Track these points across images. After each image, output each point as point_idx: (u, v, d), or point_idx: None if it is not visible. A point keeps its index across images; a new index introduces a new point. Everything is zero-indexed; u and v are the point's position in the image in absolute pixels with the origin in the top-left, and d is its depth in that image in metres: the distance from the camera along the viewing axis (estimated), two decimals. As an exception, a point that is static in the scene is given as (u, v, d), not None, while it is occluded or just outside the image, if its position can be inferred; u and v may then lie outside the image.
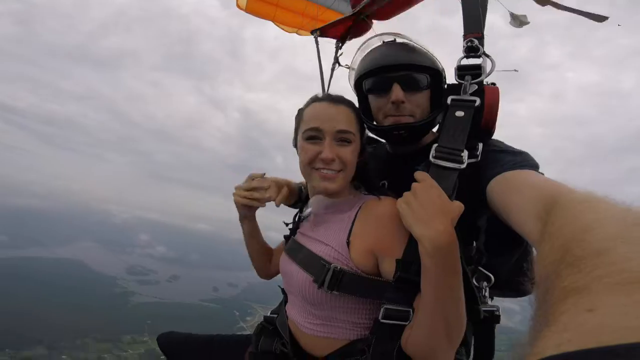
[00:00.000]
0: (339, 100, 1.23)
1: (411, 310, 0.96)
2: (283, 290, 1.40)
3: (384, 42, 1.44)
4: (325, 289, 1.03)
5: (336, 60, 2.13)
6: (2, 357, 52.48)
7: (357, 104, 1.37)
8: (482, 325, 1.14)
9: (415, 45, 1.36)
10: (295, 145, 1.29)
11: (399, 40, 1.40)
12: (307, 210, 1.36)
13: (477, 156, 1.09)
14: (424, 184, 0.98)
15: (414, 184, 1.00)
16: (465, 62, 1.21)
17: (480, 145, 1.11)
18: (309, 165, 1.18)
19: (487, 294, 1.17)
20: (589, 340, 0.29)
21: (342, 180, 1.17)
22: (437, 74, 1.33)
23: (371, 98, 1.39)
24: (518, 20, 1.68)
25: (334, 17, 2.14)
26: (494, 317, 1.17)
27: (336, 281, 1.03)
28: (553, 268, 0.47)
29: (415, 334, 0.94)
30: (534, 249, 0.97)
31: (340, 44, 2.11)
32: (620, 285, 0.35)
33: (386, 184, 1.37)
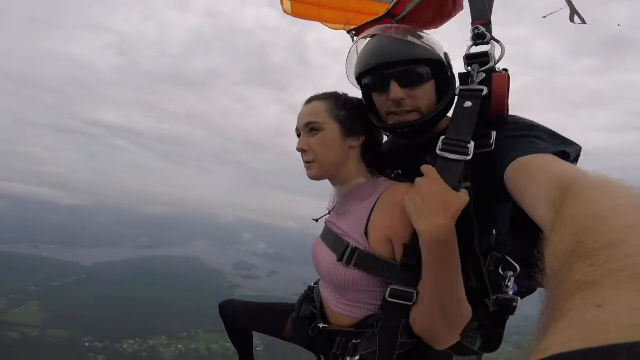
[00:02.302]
0: (313, 97, 1.34)
1: (415, 292, 1.04)
2: None
3: (374, 35, 1.35)
4: (344, 263, 1.15)
5: None
6: (133, 345, 62.51)
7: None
8: (495, 315, 1.15)
9: (411, 36, 1.26)
10: None
11: (396, 34, 1.29)
12: (333, 201, 1.44)
13: (491, 145, 1.09)
14: (427, 179, 1.02)
15: (417, 179, 1.05)
16: (474, 50, 1.20)
17: (494, 134, 1.09)
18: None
19: (510, 283, 1.14)
20: (595, 338, 0.28)
21: (317, 167, 1.28)
22: (438, 63, 1.25)
23: (373, 95, 1.33)
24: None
25: (378, 8, 2.03)
26: (509, 309, 1.15)
27: (351, 257, 1.14)
28: (564, 260, 0.46)
29: (418, 313, 1.04)
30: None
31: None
32: (634, 280, 0.34)
33: (400, 172, 1.37)
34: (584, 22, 1.41)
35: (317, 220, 1.52)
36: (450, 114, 1.25)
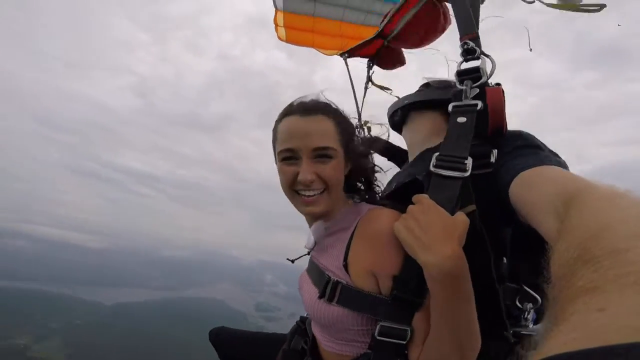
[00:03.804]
0: (313, 109, 1.07)
1: (409, 330, 0.91)
2: None
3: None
4: (326, 299, 1.01)
5: (369, 80, 2.16)
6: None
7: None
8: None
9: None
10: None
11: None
12: (310, 239, 1.20)
13: (492, 165, 1.01)
14: (422, 206, 0.92)
15: (410, 207, 0.95)
16: (465, 65, 1.18)
17: (495, 152, 1.02)
18: (290, 189, 1.07)
19: (529, 316, 1.05)
20: (596, 339, 0.28)
21: (327, 200, 1.05)
22: (425, 84, 1.45)
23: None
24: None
25: (370, 33, 2.02)
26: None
27: (334, 292, 1.01)
28: (569, 267, 0.46)
29: (427, 356, 0.90)
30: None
31: (371, 64, 2.12)
32: (636, 284, 0.34)
33: (391, 193, 1.27)
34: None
35: (293, 261, 1.36)
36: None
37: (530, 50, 1.63)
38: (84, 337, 77.74)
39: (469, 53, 1.16)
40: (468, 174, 0.96)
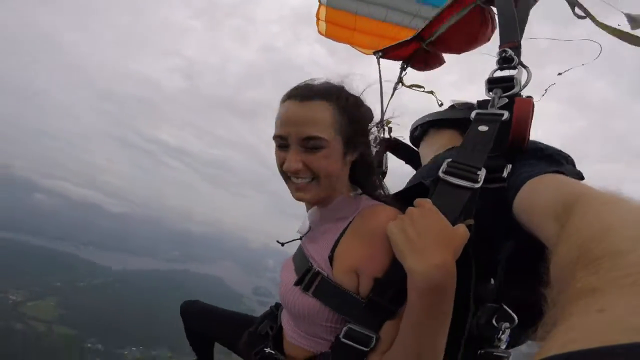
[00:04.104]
0: (312, 95, 1.00)
1: (374, 338, 0.86)
2: None
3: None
4: (302, 288, 0.97)
5: (399, 81, 2.17)
6: (134, 353, 61.69)
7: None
8: None
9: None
10: None
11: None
12: (305, 224, 1.19)
13: (505, 180, 0.94)
14: (422, 210, 0.85)
15: (409, 208, 0.89)
16: (498, 74, 1.11)
17: (509, 167, 0.96)
18: (281, 173, 1.07)
19: (503, 336, 0.97)
20: (595, 340, 0.28)
21: (316, 189, 1.02)
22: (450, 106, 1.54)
23: None
24: (634, 22, 1.48)
25: (411, 35, 2.03)
26: None
27: (312, 282, 0.96)
28: (568, 269, 0.45)
29: None
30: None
31: (405, 66, 2.13)
32: (635, 286, 0.34)
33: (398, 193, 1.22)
34: (586, 15, 1.35)
35: (282, 244, 1.32)
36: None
37: (559, 74, 1.50)
38: (82, 300, 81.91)
39: (505, 61, 1.09)
40: (478, 186, 0.89)
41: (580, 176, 0.91)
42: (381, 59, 2.19)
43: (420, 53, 1.97)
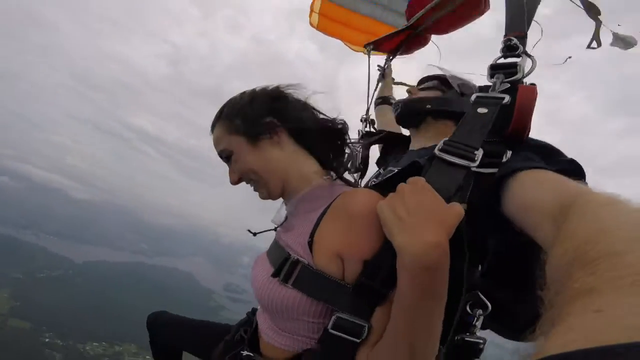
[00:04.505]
0: (213, 123, 1.13)
1: (366, 327, 0.81)
2: None
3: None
4: (281, 279, 0.91)
5: (383, 70, 2.26)
6: (96, 348, 59.11)
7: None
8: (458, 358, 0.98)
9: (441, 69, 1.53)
10: None
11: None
12: (281, 214, 1.19)
13: (503, 165, 0.93)
14: (414, 186, 0.81)
15: (401, 184, 0.84)
16: (502, 61, 1.10)
17: (509, 153, 0.93)
18: None
19: (478, 323, 0.98)
20: (594, 340, 0.28)
21: (265, 186, 1.07)
22: (446, 82, 1.47)
23: None
24: (622, 42, 1.50)
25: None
26: (475, 351, 0.97)
27: (291, 272, 0.90)
28: (565, 270, 0.46)
29: (375, 357, 0.80)
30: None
31: (390, 57, 2.16)
32: (634, 286, 0.34)
33: (377, 180, 1.26)
34: (599, 45, 1.42)
35: (254, 234, 1.26)
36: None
37: (566, 60, 1.55)
38: (39, 292, 77.28)
39: (510, 49, 1.06)
40: (475, 165, 0.86)
41: (579, 174, 0.90)
42: (371, 53, 2.24)
43: (408, 40, 1.99)
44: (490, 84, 1.06)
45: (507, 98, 0.97)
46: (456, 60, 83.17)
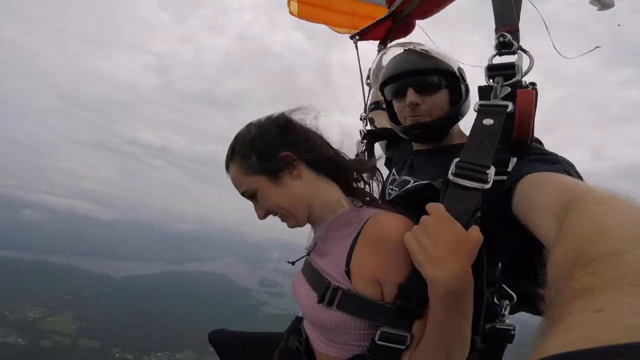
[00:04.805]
0: (226, 164, 1.15)
1: (409, 337, 0.91)
2: None
3: (403, 50, 1.42)
4: (325, 304, 0.99)
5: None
6: (161, 358, 60.15)
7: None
8: (493, 345, 1.07)
9: (430, 51, 1.33)
10: None
11: (416, 47, 1.37)
12: (311, 239, 1.26)
13: (508, 173, 0.97)
14: (436, 217, 0.87)
15: (423, 217, 0.89)
16: (498, 60, 1.09)
17: (514, 161, 0.98)
18: None
19: (506, 312, 1.07)
20: (594, 339, 0.28)
21: (292, 218, 1.12)
22: (452, 75, 1.32)
23: (394, 103, 1.43)
24: (599, 2, 1.52)
25: (385, 13, 2.05)
26: (507, 337, 1.06)
27: (333, 297, 0.98)
28: (566, 269, 0.46)
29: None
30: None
31: (382, 46, 2.14)
32: (634, 286, 0.34)
33: (394, 199, 1.28)
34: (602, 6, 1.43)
35: (293, 263, 1.29)
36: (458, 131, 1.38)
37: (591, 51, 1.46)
38: (93, 310, 79.37)
39: (504, 47, 1.07)
40: (489, 186, 0.90)
41: (578, 176, 0.92)
42: (358, 43, 2.15)
43: (395, 28, 1.92)
44: (488, 83, 1.06)
45: (510, 107, 0.98)
46: (439, 30, 74.79)
